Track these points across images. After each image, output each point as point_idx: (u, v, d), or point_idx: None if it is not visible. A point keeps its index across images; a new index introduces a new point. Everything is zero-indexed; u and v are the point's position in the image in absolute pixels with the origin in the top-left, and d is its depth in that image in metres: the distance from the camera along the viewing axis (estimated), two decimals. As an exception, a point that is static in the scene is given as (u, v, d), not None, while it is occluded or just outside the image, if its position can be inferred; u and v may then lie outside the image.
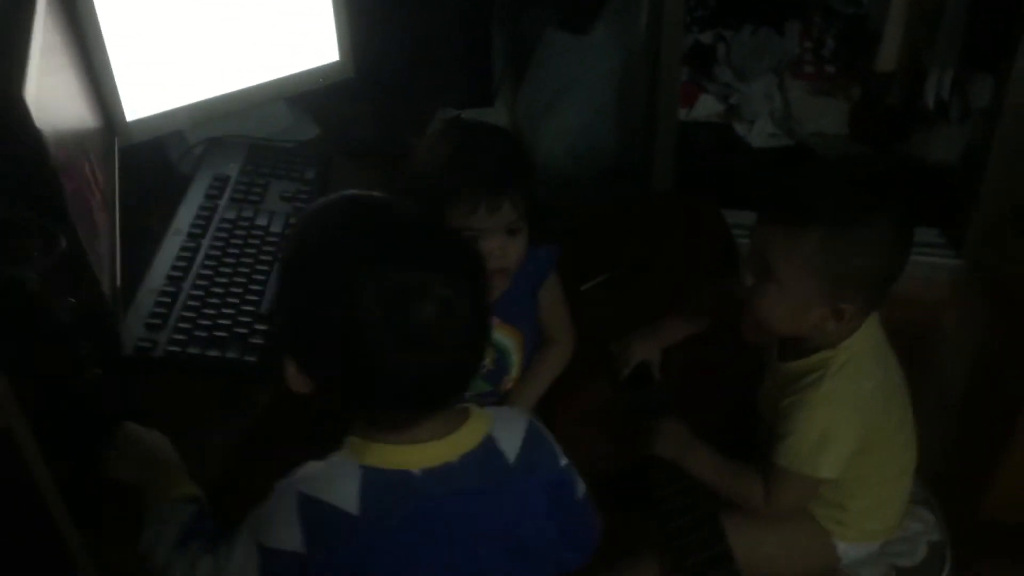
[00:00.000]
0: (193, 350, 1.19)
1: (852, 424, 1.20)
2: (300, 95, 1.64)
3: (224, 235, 1.36)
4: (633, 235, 1.76)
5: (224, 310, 1.24)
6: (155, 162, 1.57)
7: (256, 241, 1.36)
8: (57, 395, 0.94)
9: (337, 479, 0.88)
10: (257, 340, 1.21)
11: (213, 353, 1.19)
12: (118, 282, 1.21)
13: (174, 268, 1.30)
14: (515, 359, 1.42)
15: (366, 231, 0.85)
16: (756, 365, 1.48)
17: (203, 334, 1.21)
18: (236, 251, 1.34)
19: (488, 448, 0.91)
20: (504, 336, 1.39)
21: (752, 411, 1.44)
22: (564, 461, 0.99)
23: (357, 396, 0.87)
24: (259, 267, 1.32)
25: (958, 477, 1.52)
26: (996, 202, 1.92)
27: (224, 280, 1.29)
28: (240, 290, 1.28)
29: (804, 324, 1.20)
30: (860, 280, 1.15)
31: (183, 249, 1.33)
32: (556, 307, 1.45)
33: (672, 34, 1.85)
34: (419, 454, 0.89)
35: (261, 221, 1.40)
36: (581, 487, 1.01)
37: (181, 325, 1.21)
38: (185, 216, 1.40)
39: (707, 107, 2.44)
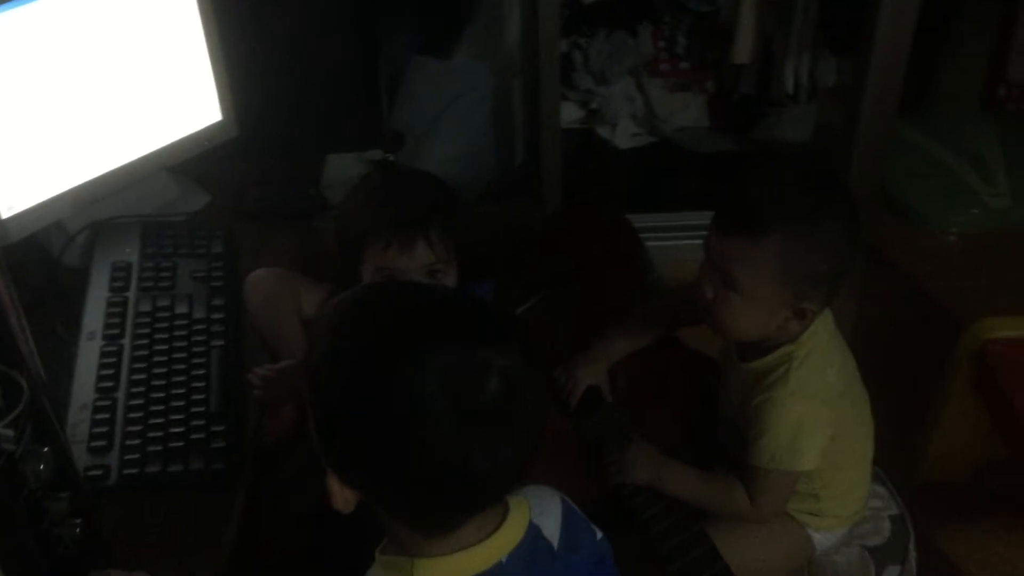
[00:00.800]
0: (152, 468, 1.07)
1: (823, 413, 1.23)
2: (183, 162, 1.51)
3: (146, 331, 1.24)
4: (546, 255, 1.74)
5: (172, 416, 1.13)
6: (34, 259, 1.41)
7: (183, 332, 1.25)
8: (39, 559, 0.82)
9: None
10: (219, 444, 1.11)
11: (175, 468, 1.08)
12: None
13: (101, 378, 1.17)
14: None
15: (407, 316, 0.78)
16: (704, 371, 1.50)
17: (157, 448, 1.09)
18: (164, 347, 1.22)
19: (533, 538, 0.86)
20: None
21: (709, 417, 1.45)
22: (599, 534, 0.95)
23: (414, 501, 0.79)
24: (195, 360, 1.21)
25: (889, 446, 1.57)
26: (864, 179, 2.01)
27: (161, 382, 1.17)
28: (183, 390, 1.17)
29: (769, 328, 1.21)
30: (820, 278, 1.17)
31: (104, 355, 1.20)
32: None
33: (549, 44, 1.83)
34: (470, 562, 0.82)
35: (181, 308, 1.28)
36: (611, 553, 0.98)
37: (130, 443, 1.09)
38: (94, 316, 1.27)
39: (568, 114, 2.45)
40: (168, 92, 1.45)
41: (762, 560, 1.35)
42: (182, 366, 1.20)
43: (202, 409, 1.15)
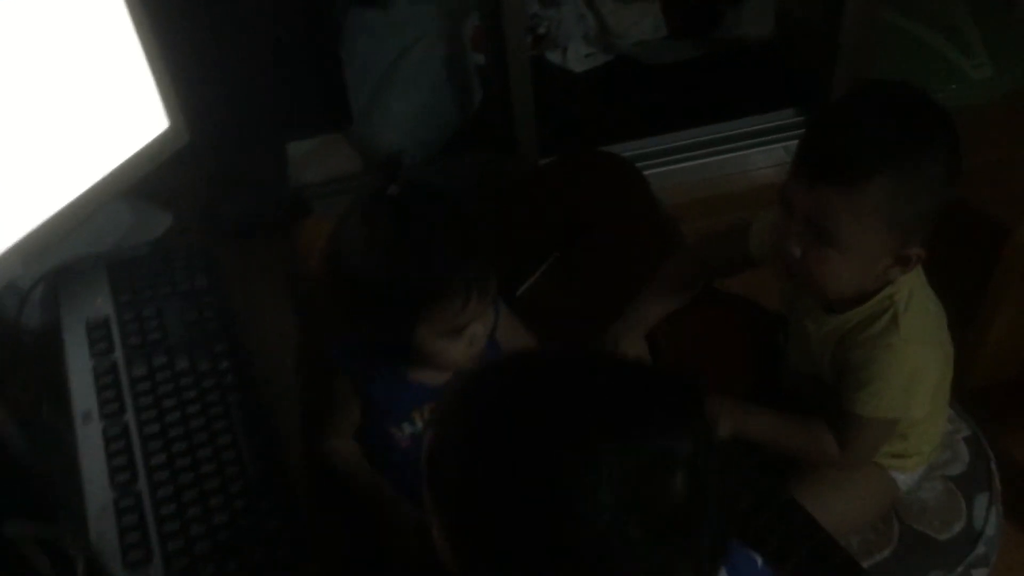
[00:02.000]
0: (208, 572, 0.91)
1: (937, 355, 1.16)
2: (135, 184, 1.30)
3: (149, 400, 1.07)
4: (545, 215, 1.59)
5: (211, 500, 0.97)
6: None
7: (192, 392, 1.08)
8: None
9: None
10: (272, 523, 0.96)
11: (232, 567, 0.92)
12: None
13: (115, 470, 0.99)
14: None
15: (559, 411, 0.61)
16: (754, 321, 1.38)
17: (207, 545, 0.93)
18: (177, 415, 1.05)
19: None
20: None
21: (768, 371, 1.34)
22: (759, 560, 0.83)
23: None
24: (216, 425, 1.04)
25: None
26: (852, 70, 1.90)
27: (186, 461, 1.01)
28: (213, 465, 1.00)
29: (870, 279, 1.11)
30: (927, 217, 1.06)
31: (110, 440, 1.02)
32: (520, 336, 1.26)
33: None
34: None
35: (182, 363, 1.11)
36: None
37: (172, 547, 0.93)
38: (83, 391, 1.08)
39: (514, 43, 2.25)
40: (107, 108, 1.23)
41: (853, 513, 1.28)
42: (203, 435, 1.03)
43: (241, 484, 0.99)
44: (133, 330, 1.14)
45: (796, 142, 2.29)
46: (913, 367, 1.12)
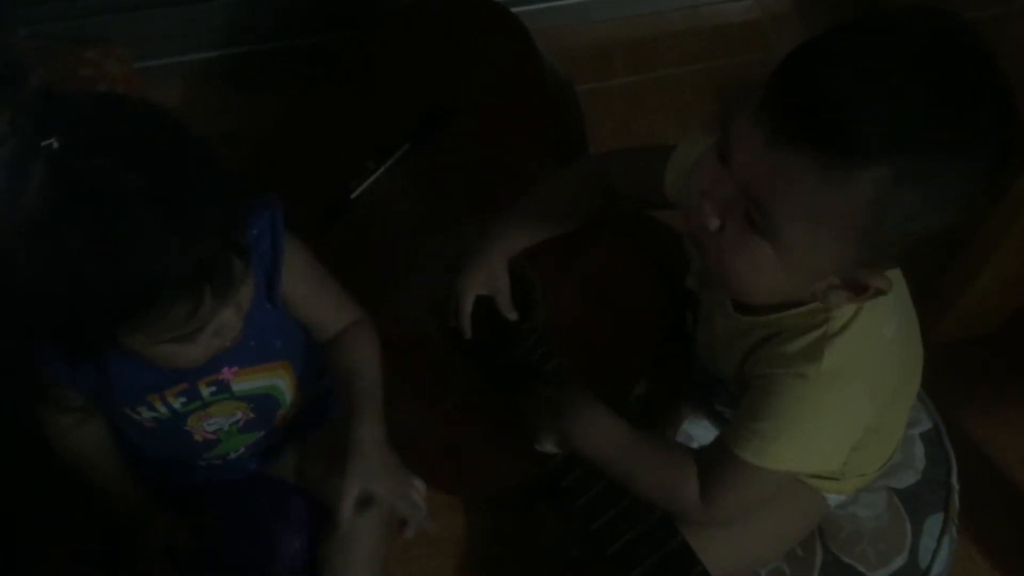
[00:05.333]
0: None
1: (865, 404, 0.80)
2: None
3: None
4: (393, 87, 1.14)
5: None
6: None
7: None
8: None
9: None
10: None
11: None
12: None
13: None
14: (286, 386, 0.94)
15: None
16: (655, 271, 0.99)
17: None
18: None
19: None
20: (265, 378, 0.90)
21: (674, 343, 0.97)
22: None
23: None
24: None
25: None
26: None
27: None
28: None
29: (799, 294, 0.75)
30: (922, 241, 0.67)
31: None
32: (318, 285, 0.92)
33: None
34: None
35: None
36: None
37: None
38: None
39: None
40: None
41: (764, 545, 0.97)
42: None
43: None
44: None
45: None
46: (827, 415, 0.78)
